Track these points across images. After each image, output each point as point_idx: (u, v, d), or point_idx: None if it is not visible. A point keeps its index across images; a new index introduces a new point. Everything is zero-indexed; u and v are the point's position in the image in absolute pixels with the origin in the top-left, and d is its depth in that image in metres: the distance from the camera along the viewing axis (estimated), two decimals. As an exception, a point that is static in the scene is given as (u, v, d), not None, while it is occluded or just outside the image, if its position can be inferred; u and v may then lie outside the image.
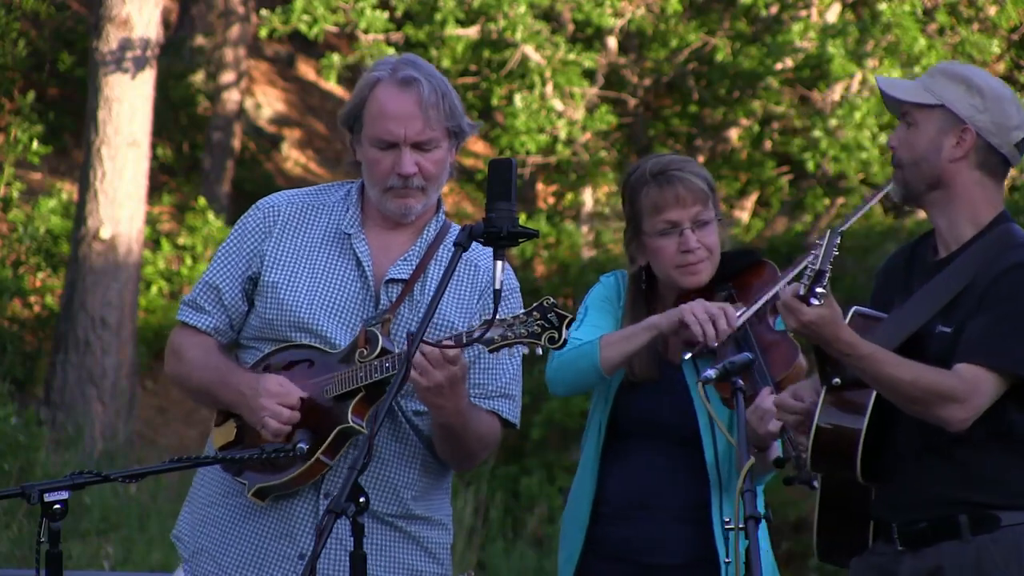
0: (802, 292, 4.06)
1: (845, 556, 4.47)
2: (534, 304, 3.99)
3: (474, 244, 4.27)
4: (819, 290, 4.06)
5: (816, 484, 4.14)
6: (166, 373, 4.51)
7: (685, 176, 4.69)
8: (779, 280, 4.64)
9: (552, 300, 3.99)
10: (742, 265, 4.78)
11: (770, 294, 4.61)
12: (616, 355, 4.62)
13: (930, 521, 4.24)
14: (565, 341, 3.94)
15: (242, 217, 4.46)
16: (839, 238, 4.09)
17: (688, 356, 4.59)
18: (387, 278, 4.32)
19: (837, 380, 4.26)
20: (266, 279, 4.35)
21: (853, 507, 4.41)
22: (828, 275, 4.07)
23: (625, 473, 4.71)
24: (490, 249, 3.97)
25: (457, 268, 4.26)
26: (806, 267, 4.07)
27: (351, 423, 4.17)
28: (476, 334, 3.95)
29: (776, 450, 4.46)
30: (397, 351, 4.15)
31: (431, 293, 4.31)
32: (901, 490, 4.29)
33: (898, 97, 4.35)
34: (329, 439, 4.18)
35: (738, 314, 4.56)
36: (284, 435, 4.21)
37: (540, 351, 4.01)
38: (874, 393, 4.24)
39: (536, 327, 3.95)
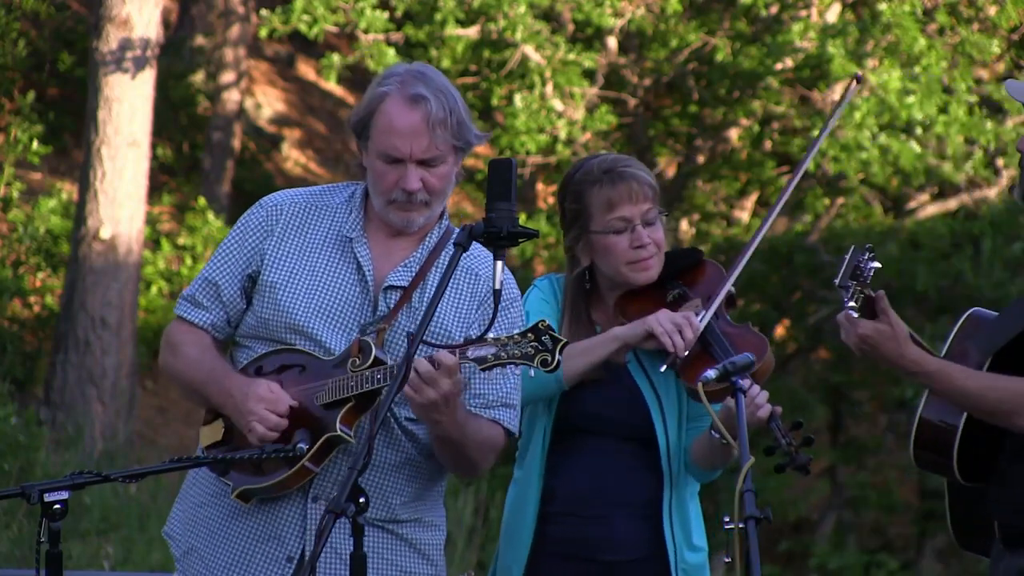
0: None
1: (981, 544, 4.48)
2: (528, 325, 3.99)
3: (474, 252, 4.29)
4: (850, 304, 4.07)
5: (811, 469, 4.15)
6: (160, 365, 4.51)
7: (635, 172, 4.72)
8: (728, 278, 4.70)
9: (547, 322, 3.99)
10: (686, 264, 4.82)
11: (722, 294, 4.67)
12: (578, 368, 4.64)
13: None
14: (559, 363, 3.94)
15: (245, 214, 4.45)
16: (867, 254, 4.10)
17: (664, 368, 4.62)
18: (386, 284, 4.31)
19: None
20: (265, 278, 4.34)
21: (979, 500, 4.42)
22: (852, 289, 4.08)
23: (574, 471, 4.72)
24: (490, 257, 3.97)
25: (456, 276, 4.27)
26: (836, 283, 4.10)
27: (339, 432, 4.16)
28: (470, 353, 3.96)
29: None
30: (390, 362, 4.15)
31: (430, 300, 4.31)
32: (1002, 491, 4.30)
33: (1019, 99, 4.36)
34: (315, 447, 4.18)
35: (699, 318, 4.60)
36: (271, 441, 4.20)
37: (532, 373, 4.01)
38: None
39: (529, 348, 3.95)
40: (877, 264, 4.14)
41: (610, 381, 4.68)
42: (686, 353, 4.55)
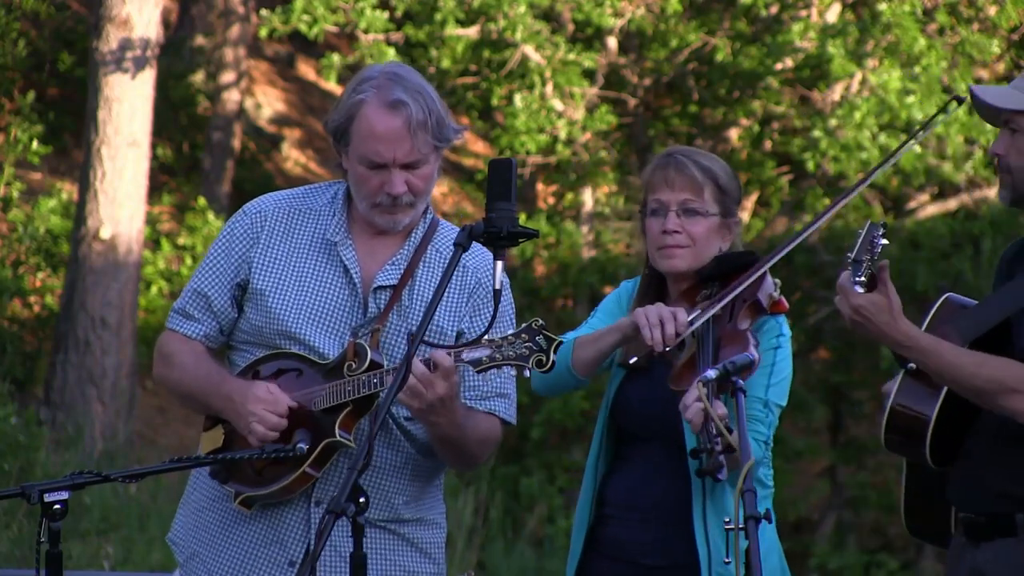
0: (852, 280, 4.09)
1: (931, 536, 4.49)
2: (523, 326, 3.99)
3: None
4: (859, 278, 4.07)
5: (721, 476, 4.10)
6: (155, 377, 4.51)
7: (685, 162, 4.71)
8: (734, 286, 4.58)
9: (541, 322, 3.99)
10: (736, 265, 4.74)
11: (725, 300, 4.55)
12: (586, 356, 4.62)
13: (988, 516, 4.24)
14: (553, 364, 3.94)
15: (228, 222, 4.45)
16: (880, 230, 4.10)
17: (632, 361, 4.57)
18: (375, 285, 4.31)
19: (912, 365, 4.26)
20: (254, 286, 4.34)
21: (938, 487, 4.41)
22: (866, 264, 4.07)
23: (620, 473, 4.72)
24: (479, 251, 3.94)
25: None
26: (850, 257, 4.09)
27: (338, 437, 4.16)
28: (465, 355, 3.96)
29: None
30: (387, 365, 4.15)
31: (421, 297, 4.31)
32: (969, 482, 4.28)
33: (998, 105, 4.33)
34: (316, 452, 4.18)
35: (689, 319, 4.52)
36: (271, 441, 4.20)
37: (527, 373, 4.00)
38: None
39: (524, 349, 3.96)
40: (886, 241, 4.12)
41: (654, 382, 4.63)
42: (662, 349, 4.48)
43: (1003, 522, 4.21)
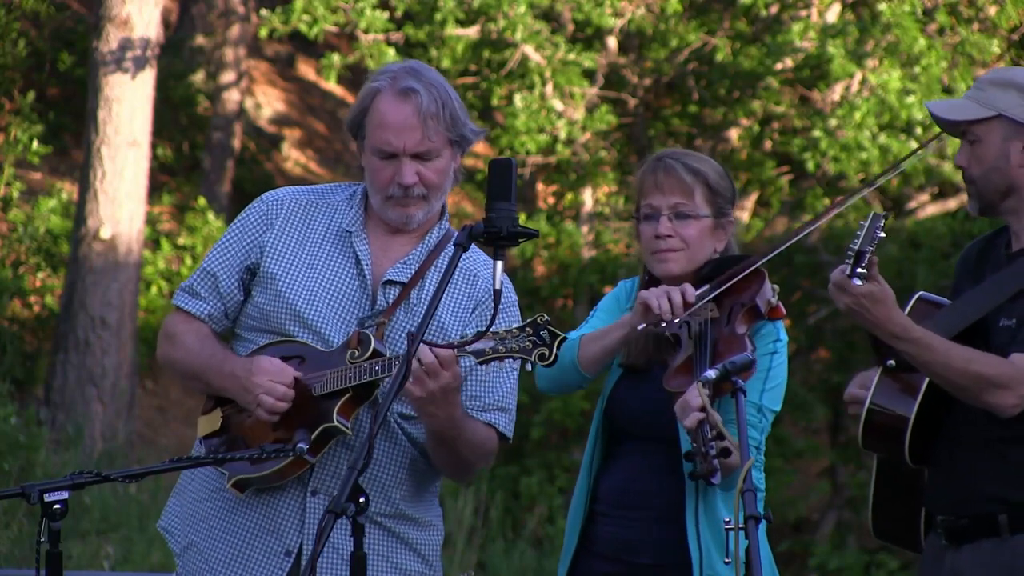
0: (847, 272, 4.10)
1: (897, 537, 4.50)
2: (528, 320, 4.00)
3: (473, 254, 4.32)
4: (860, 270, 4.10)
5: (715, 480, 4.12)
6: (158, 356, 4.52)
7: (674, 165, 4.72)
8: (750, 265, 4.57)
9: (546, 317, 4.00)
10: (733, 269, 4.74)
11: (735, 279, 4.54)
12: (592, 352, 4.63)
13: (971, 518, 4.26)
14: (556, 358, 3.95)
15: (246, 208, 4.48)
16: (882, 221, 4.12)
17: (641, 327, 4.55)
18: (385, 279, 4.33)
19: (891, 362, 4.33)
20: (265, 270, 4.36)
21: (907, 489, 4.44)
22: (868, 256, 4.10)
23: (613, 471, 4.72)
24: (490, 260, 3.95)
25: (455, 276, 4.28)
26: (854, 247, 4.11)
27: (336, 423, 4.17)
28: (469, 348, 3.96)
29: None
30: (388, 355, 4.16)
31: (429, 297, 4.30)
32: (949, 483, 4.31)
33: (953, 119, 4.34)
34: (312, 437, 4.18)
35: (698, 292, 4.52)
36: (280, 413, 4.21)
37: (529, 367, 4.00)
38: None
39: (527, 343, 3.97)
40: (883, 234, 4.15)
41: (650, 382, 4.64)
42: (671, 318, 4.47)
43: (986, 523, 4.22)
